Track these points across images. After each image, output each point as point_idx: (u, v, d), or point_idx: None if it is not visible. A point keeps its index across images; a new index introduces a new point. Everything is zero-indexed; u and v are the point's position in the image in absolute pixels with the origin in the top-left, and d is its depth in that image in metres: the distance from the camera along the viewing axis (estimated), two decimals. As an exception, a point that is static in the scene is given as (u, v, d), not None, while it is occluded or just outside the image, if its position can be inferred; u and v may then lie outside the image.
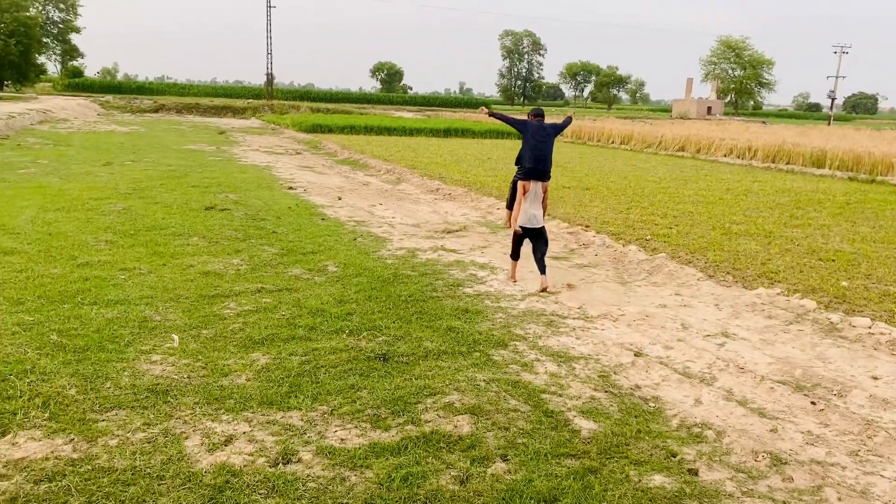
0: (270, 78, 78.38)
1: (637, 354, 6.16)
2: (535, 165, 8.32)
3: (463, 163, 20.76)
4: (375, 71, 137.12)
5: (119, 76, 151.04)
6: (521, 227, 8.41)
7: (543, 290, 8.09)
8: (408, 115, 53.38)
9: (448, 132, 35.42)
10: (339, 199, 13.78)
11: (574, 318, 7.02)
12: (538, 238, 8.37)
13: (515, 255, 8.67)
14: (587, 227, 11.33)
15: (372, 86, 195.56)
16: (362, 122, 36.63)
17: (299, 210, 12.19)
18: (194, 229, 9.96)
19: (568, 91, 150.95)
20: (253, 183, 15.35)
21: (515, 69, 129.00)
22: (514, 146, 28.28)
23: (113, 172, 15.86)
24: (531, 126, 8.46)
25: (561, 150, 29.07)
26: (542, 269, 8.21)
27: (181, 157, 20.31)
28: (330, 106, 63.57)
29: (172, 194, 13.12)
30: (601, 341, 6.44)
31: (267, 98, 73.06)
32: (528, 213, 8.44)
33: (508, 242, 10.11)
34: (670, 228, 11.31)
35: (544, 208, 8.52)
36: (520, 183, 8.49)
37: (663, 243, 10.20)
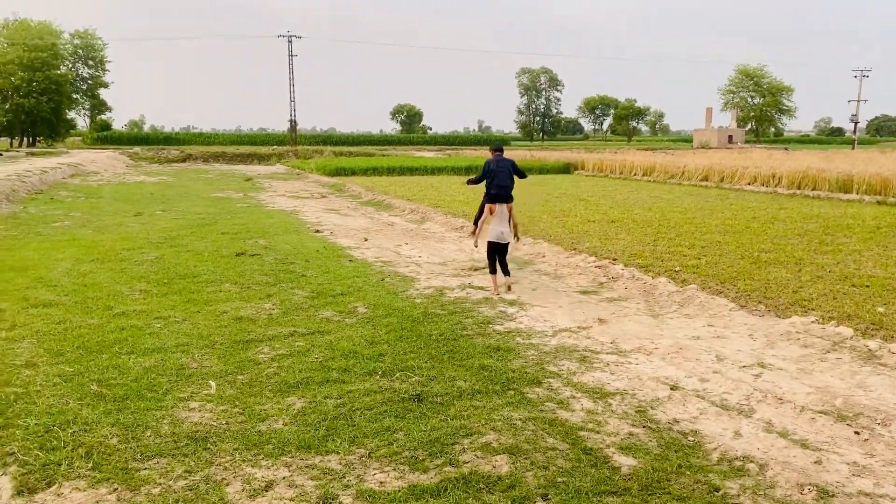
0: (294, 124, 79.35)
1: (673, 388, 6.06)
2: (498, 191, 9.68)
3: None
4: (395, 113, 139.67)
5: (146, 128, 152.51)
6: (491, 241, 9.61)
7: (508, 287, 9.55)
8: (429, 155, 52.79)
9: (469, 170, 35.29)
10: (366, 240, 13.72)
11: (607, 353, 6.93)
12: (504, 251, 9.78)
13: (493, 269, 9.71)
14: (615, 260, 11.17)
15: (392, 128, 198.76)
16: (384, 163, 36.55)
17: (327, 253, 12.14)
18: (226, 276, 9.97)
19: (587, 125, 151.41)
20: (281, 227, 15.34)
21: (533, 105, 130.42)
22: (538, 182, 28.42)
23: (144, 222, 15.95)
24: (491, 161, 9.90)
25: (583, 183, 28.93)
26: (507, 273, 9.74)
27: (210, 204, 20.30)
28: (352, 149, 63.92)
29: (203, 242, 13.08)
30: (636, 376, 6.34)
31: (291, 144, 73.36)
32: (497, 230, 9.60)
33: (539, 279, 10.25)
34: (699, 259, 11.15)
35: (514, 226, 9.83)
36: (487, 206, 9.73)
37: (693, 274, 10.05)
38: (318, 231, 15.03)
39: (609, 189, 25.90)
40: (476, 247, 10.84)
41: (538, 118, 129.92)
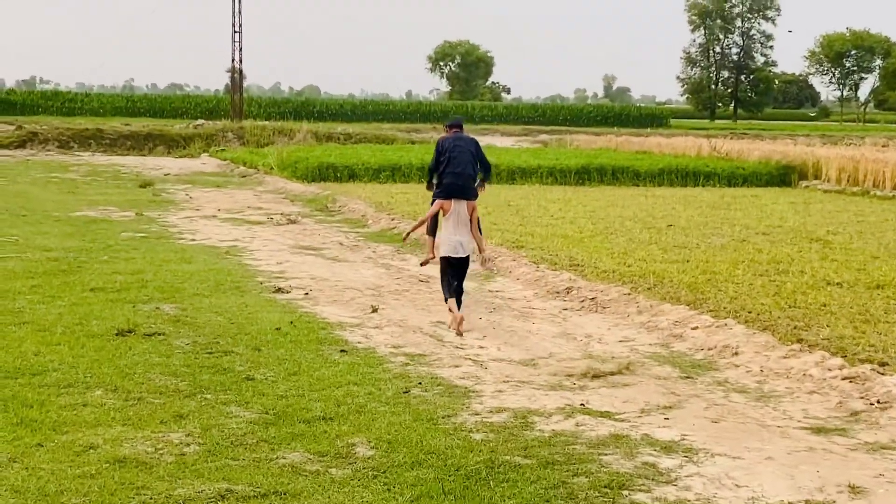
0: (237, 78, 61.73)
1: None
2: (454, 181, 10.49)
3: (617, 235, 18.46)
4: (438, 60, 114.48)
5: None
6: (444, 256, 10.59)
7: (458, 328, 10.42)
8: (505, 143, 47.00)
9: (584, 175, 31.00)
10: (375, 310, 12.57)
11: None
12: (462, 268, 10.78)
13: (449, 292, 10.67)
14: (883, 366, 9.83)
15: (432, 89, 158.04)
16: (415, 158, 31.39)
17: (297, 333, 10.87)
18: (97, 375, 9.10)
19: (826, 89, 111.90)
20: (207, 281, 13.82)
21: (717, 50, 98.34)
22: (721, 201, 25.00)
23: None
24: (445, 140, 10.88)
25: (819, 206, 25.24)
26: (460, 302, 10.65)
27: (71, 232, 18.04)
28: (352, 128, 53.10)
29: (54, 306, 11.78)
30: None
31: (232, 116, 57.35)
32: (453, 240, 10.49)
33: (726, 399, 9.38)
34: None
35: (477, 238, 10.93)
36: (437, 202, 10.58)
37: None
38: (279, 289, 13.74)
39: (870, 221, 22.59)
40: (425, 264, 11.93)
41: (727, 74, 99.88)
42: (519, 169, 31.39)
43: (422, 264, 11.96)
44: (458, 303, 10.61)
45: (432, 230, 11.60)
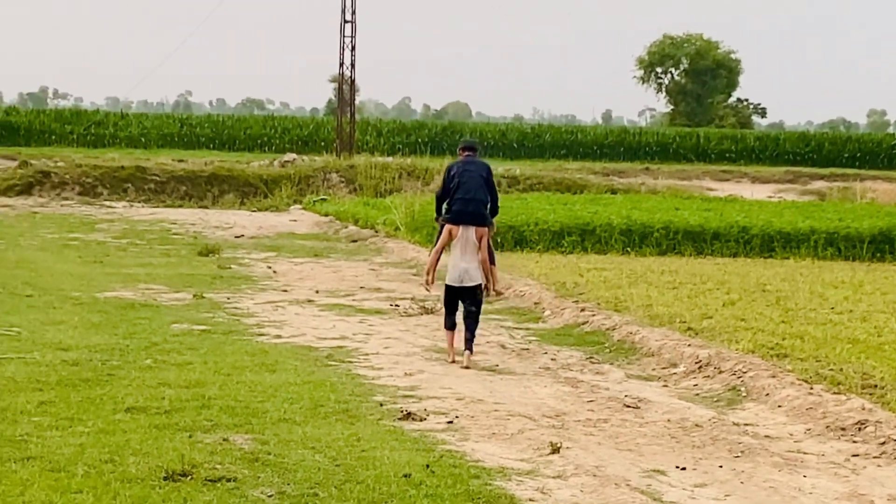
0: (347, 91, 47.95)
1: None
2: (463, 207, 11.01)
3: None
4: (654, 63, 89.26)
5: None
6: (449, 285, 11.18)
7: (466, 360, 11.10)
8: (758, 193, 38.67)
9: (885, 245, 23.68)
10: (556, 449, 9.71)
11: None
12: (471, 299, 11.23)
13: (450, 324, 11.30)
14: None
15: (643, 108, 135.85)
16: (618, 216, 24.54)
17: (436, 483, 8.47)
18: None
19: None
20: (300, 399, 11.00)
21: None
22: None
23: None
24: (455, 165, 11.48)
25: None
26: (469, 344, 11.14)
27: (98, 323, 14.67)
28: (521, 168, 42.74)
29: (74, 434, 9.32)
30: None
31: (339, 148, 45.56)
32: (459, 267, 10.99)
33: None
34: None
35: (487, 266, 11.35)
36: (445, 228, 11.15)
37: None
38: (408, 416, 11.16)
39: None
40: (428, 289, 12.18)
41: None
42: (779, 234, 23.57)
43: (426, 287, 12.27)
44: (469, 338, 11.12)
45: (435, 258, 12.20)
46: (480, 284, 11.19)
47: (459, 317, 11.53)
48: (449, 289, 11.21)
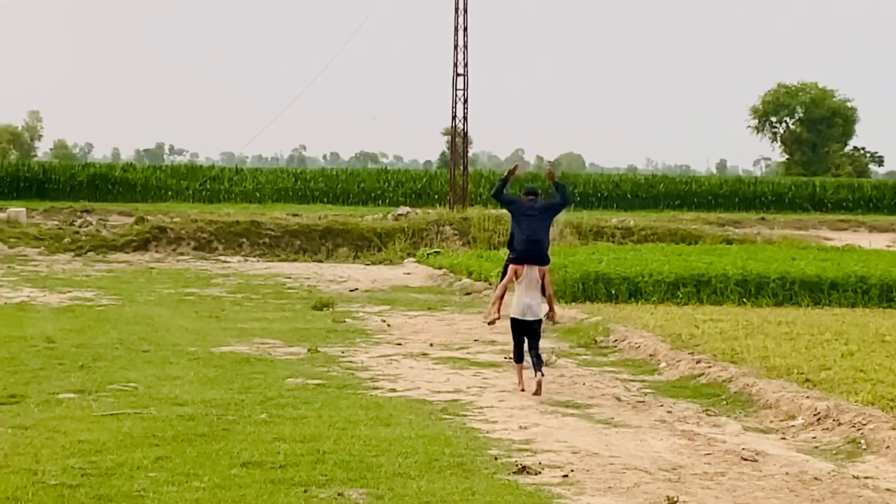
0: (459, 143, 48.29)
1: None
2: (527, 247, 12.25)
3: None
4: (769, 112, 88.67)
5: (41, 152, 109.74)
6: (514, 318, 12.26)
7: (536, 391, 11.95)
8: (876, 242, 38.61)
9: None
10: None
11: None
12: (531, 336, 12.27)
13: (519, 357, 12.41)
14: None
15: (758, 157, 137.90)
16: (733, 266, 24.43)
17: None
18: None
19: None
20: (414, 454, 10.81)
21: None
22: None
23: (26, 427, 11.26)
24: (520, 205, 12.67)
25: None
26: (538, 367, 12.06)
27: (214, 378, 14.83)
28: (634, 219, 43.61)
29: (190, 489, 9.35)
30: None
31: (452, 201, 46.60)
32: (523, 302, 12.07)
33: None
34: None
35: (549, 298, 12.58)
36: (511, 267, 12.33)
37: None
38: (523, 470, 10.73)
39: None
40: (492, 324, 13.06)
41: None
42: (900, 285, 22.58)
43: (489, 324, 13.29)
44: (537, 365, 11.98)
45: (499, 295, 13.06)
46: (541, 320, 12.25)
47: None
48: (515, 322, 12.28)
